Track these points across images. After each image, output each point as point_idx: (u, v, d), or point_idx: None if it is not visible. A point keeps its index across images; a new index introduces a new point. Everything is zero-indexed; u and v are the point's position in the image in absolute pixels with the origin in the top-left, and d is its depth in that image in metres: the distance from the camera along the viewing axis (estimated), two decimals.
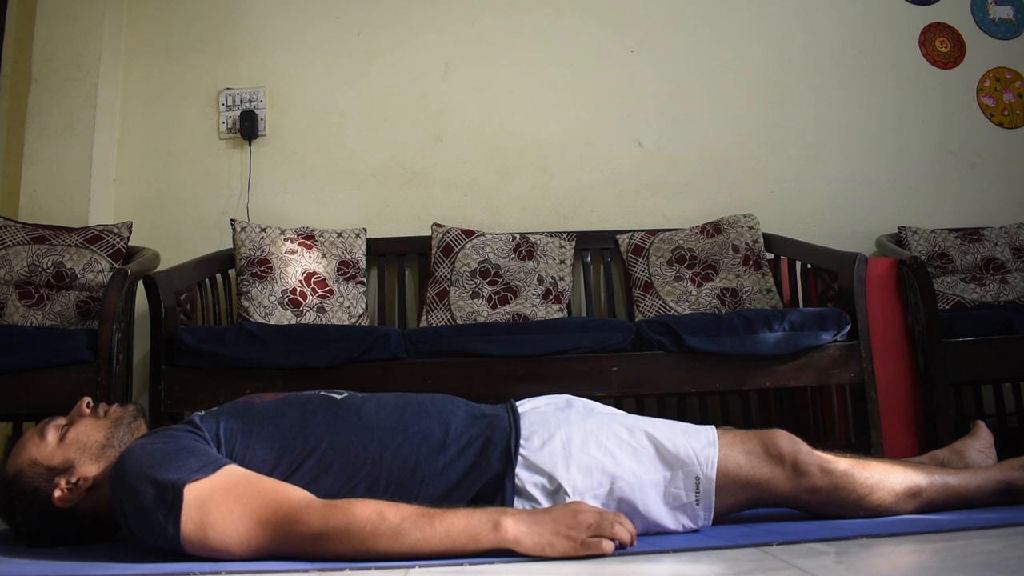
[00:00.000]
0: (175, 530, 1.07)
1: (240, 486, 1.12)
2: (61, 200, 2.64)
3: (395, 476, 1.22)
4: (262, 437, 1.24)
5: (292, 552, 1.09)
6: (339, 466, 1.22)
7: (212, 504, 1.09)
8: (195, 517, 1.08)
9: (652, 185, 3.00)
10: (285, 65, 2.97)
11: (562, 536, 1.08)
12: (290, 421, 1.27)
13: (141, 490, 1.09)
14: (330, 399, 1.33)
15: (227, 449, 1.22)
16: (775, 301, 2.58)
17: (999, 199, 3.08)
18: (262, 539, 1.09)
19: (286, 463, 1.22)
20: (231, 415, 1.28)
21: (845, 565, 1.00)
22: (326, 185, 2.91)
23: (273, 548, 1.09)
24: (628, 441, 1.27)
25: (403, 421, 1.28)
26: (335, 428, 1.26)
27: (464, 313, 2.52)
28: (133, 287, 2.15)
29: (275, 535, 1.09)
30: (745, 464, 1.26)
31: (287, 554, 1.09)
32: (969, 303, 2.60)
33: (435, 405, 1.34)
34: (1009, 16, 3.23)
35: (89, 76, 2.73)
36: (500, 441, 1.26)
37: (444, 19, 3.04)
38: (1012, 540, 1.11)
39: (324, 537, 1.07)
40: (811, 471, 1.26)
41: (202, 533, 1.08)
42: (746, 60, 3.10)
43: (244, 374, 1.96)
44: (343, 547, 1.07)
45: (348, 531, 1.06)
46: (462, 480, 1.23)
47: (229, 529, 1.08)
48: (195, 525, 1.08)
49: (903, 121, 3.12)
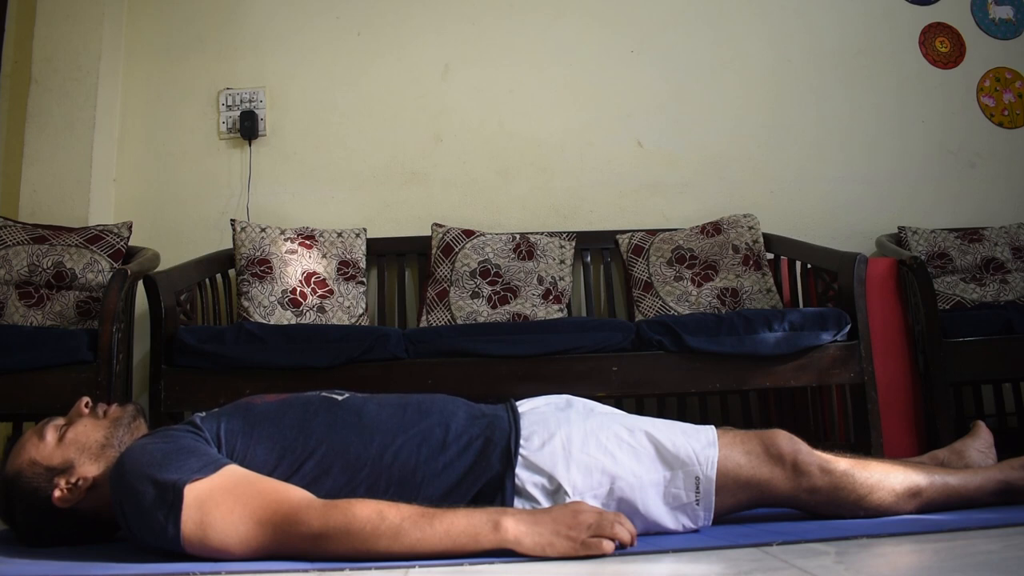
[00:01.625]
0: (175, 530, 1.07)
1: (240, 486, 1.12)
2: (61, 200, 2.65)
3: (395, 477, 1.22)
4: (263, 438, 1.24)
5: (293, 552, 1.09)
6: (339, 467, 1.22)
7: (212, 504, 1.09)
8: (195, 517, 1.08)
9: (652, 185, 3.00)
10: (285, 65, 2.97)
11: (562, 536, 1.08)
12: (291, 422, 1.27)
13: (141, 490, 1.09)
14: (331, 400, 1.33)
15: (228, 450, 1.22)
16: (775, 301, 2.58)
17: (999, 199, 3.08)
18: (262, 539, 1.09)
19: (287, 464, 1.22)
20: (232, 416, 1.28)
21: (845, 565, 1.00)
22: (326, 185, 2.91)
23: (273, 548, 1.09)
24: (628, 441, 1.27)
25: (403, 422, 1.28)
26: (335, 429, 1.26)
27: (464, 313, 2.52)
28: (133, 287, 2.15)
29: (275, 535, 1.09)
30: (745, 464, 1.26)
31: (288, 554, 1.09)
32: (969, 303, 2.60)
33: (435, 405, 1.34)
34: (1009, 16, 3.23)
35: (89, 76, 2.73)
36: (500, 441, 1.26)
37: (444, 19, 3.04)
38: (1012, 540, 1.11)
39: (324, 537, 1.07)
40: (811, 471, 1.26)
41: (202, 533, 1.08)
42: (746, 60, 3.10)
43: (244, 374, 1.96)
44: (343, 547, 1.07)
45: (348, 531, 1.06)
46: (462, 480, 1.23)
47: (229, 529, 1.08)
48: (195, 525, 1.08)
49: (903, 121, 3.12)
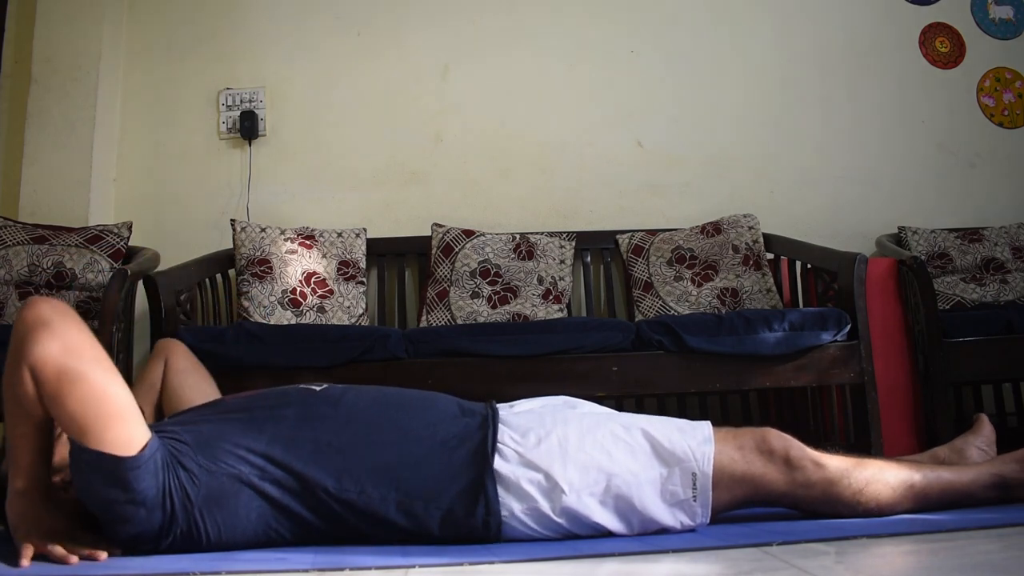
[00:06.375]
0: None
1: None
2: (61, 200, 2.64)
3: (369, 467, 1.22)
4: (235, 427, 1.24)
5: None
6: (310, 454, 1.22)
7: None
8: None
9: (652, 185, 3.00)
10: (285, 65, 2.97)
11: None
12: (263, 414, 1.26)
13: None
14: (308, 391, 1.33)
15: (195, 437, 1.21)
16: (775, 301, 2.58)
17: (999, 199, 3.08)
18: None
19: (256, 450, 1.21)
20: (200, 411, 1.31)
21: (845, 565, 1.00)
22: (326, 185, 2.91)
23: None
24: (624, 438, 1.27)
25: (382, 413, 1.29)
26: (308, 419, 1.26)
27: (464, 313, 2.52)
28: (133, 287, 2.15)
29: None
30: (739, 458, 1.27)
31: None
32: (969, 303, 2.60)
33: (415, 399, 1.35)
34: (1009, 16, 3.23)
35: (89, 76, 2.73)
36: (477, 440, 1.26)
37: (444, 19, 3.04)
38: (1012, 540, 1.11)
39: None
40: (804, 464, 1.28)
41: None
42: (746, 60, 3.10)
43: (244, 374, 1.96)
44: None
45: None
46: (440, 475, 1.23)
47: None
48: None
49: (903, 121, 3.12)
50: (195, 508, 1.15)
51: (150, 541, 1.15)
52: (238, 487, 1.18)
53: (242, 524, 1.19)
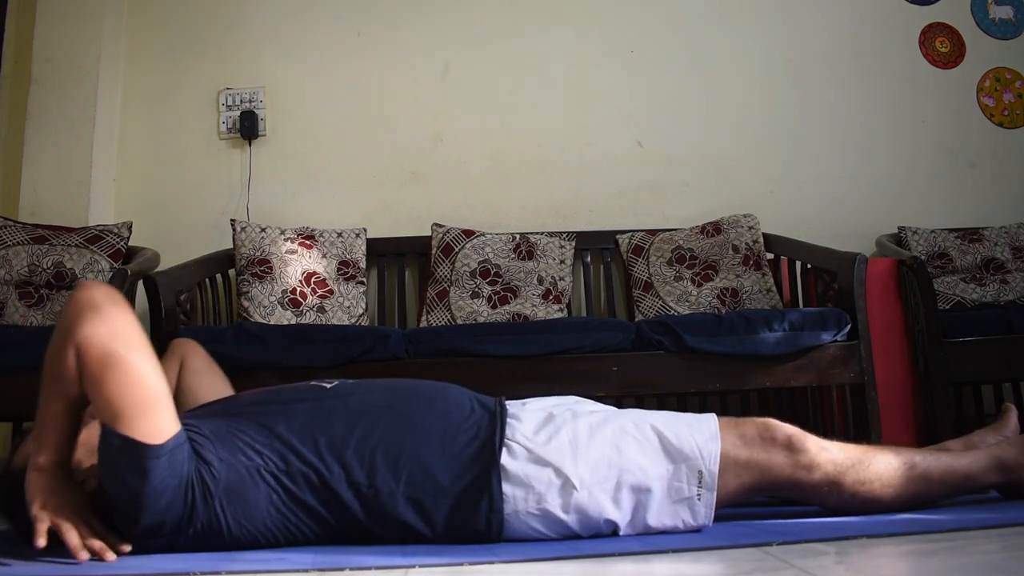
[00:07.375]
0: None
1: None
2: (61, 200, 2.64)
3: (379, 460, 1.23)
4: (249, 423, 1.26)
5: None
6: (324, 448, 1.23)
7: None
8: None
9: (652, 185, 3.00)
10: (285, 65, 2.97)
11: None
12: (276, 408, 1.28)
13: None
14: (319, 387, 1.34)
15: (212, 430, 1.23)
16: (775, 301, 2.58)
17: (999, 199, 3.08)
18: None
19: (270, 448, 1.23)
20: (212, 406, 1.32)
21: (845, 565, 1.00)
22: (326, 185, 2.91)
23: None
24: (633, 434, 1.28)
25: (392, 407, 1.30)
26: (320, 414, 1.27)
27: (464, 313, 2.52)
28: (133, 287, 2.15)
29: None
30: (742, 444, 1.29)
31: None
32: (969, 303, 2.60)
33: (427, 391, 1.35)
34: (1009, 16, 3.23)
35: (89, 76, 2.73)
36: (486, 435, 1.27)
37: (444, 19, 3.04)
38: (1012, 540, 1.11)
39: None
40: (807, 447, 1.29)
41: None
42: (746, 60, 3.10)
43: (244, 374, 1.95)
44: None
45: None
46: (447, 469, 1.23)
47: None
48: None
49: (903, 121, 3.12)
50: (215, 500, 1.17)
51: (170, 532, 1.16)
52: (255, 480, 1.20)
53: (261, 516, 1.20)
